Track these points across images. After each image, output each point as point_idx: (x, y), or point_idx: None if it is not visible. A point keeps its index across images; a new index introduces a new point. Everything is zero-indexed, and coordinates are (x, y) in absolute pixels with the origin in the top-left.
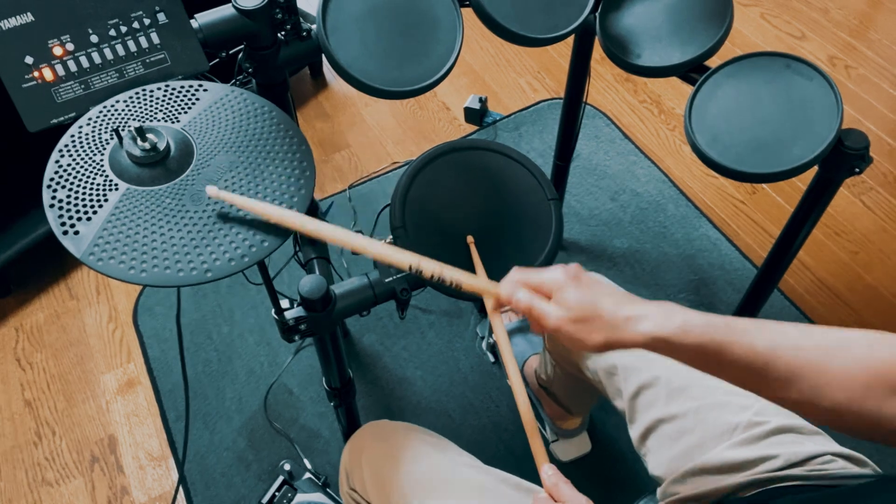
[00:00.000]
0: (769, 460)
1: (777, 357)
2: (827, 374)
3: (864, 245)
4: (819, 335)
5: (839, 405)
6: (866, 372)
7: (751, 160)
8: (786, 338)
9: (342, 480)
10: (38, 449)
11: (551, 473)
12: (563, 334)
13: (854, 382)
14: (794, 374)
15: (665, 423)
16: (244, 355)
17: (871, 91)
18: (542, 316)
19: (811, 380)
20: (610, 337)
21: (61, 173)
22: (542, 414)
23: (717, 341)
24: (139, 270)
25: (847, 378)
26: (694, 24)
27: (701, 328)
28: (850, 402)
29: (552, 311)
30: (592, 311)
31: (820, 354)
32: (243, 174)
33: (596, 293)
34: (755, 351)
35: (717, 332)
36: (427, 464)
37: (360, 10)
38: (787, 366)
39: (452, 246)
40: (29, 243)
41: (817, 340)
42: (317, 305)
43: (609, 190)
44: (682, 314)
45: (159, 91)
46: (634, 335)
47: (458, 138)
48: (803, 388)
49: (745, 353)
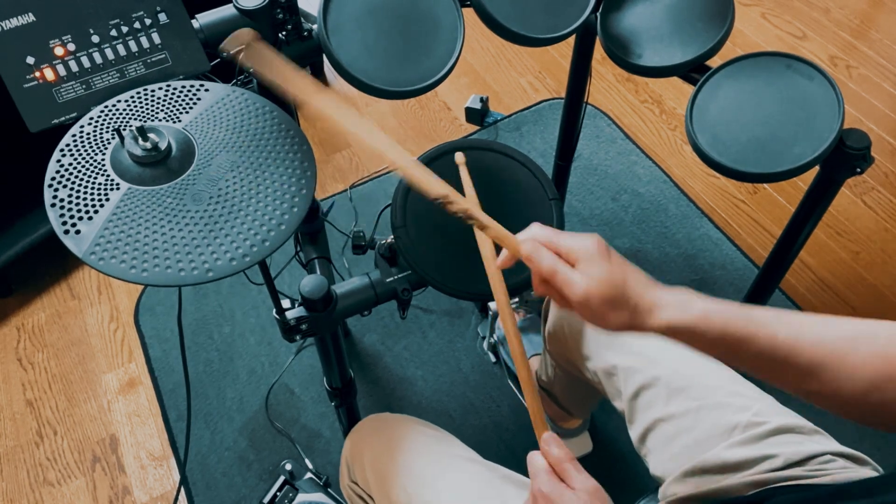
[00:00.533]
0: (769, 460)
1: (799, 349)
2: (849, 365)
3: (865, 245)
4: (840, 326)
5: (860, 395)
6: (888, 363)
7: (752, 160)
8: (807, 329)
9: (343, 473)
10: (39, 449)
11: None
12: (587, 308)
13: (876, 373)
14: (815, 366)
15: (664, 423)
16: (245, 355)
17: (873, 91)
18: (566, 283)
19: (833, 371)
20: (633, 320)
21: (63, 173)
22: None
23: (738, 332)
24: (140, 270)
25: (869, 368)
26: (695, 24)
27: (722, 319)
28: (870, 393)
29: (580, 280)
30: (622, 291)
31: (842, 345)
32: (244, 174)
33: (626, 272)
34: (776, 343)
35: (739, 322)
36: (427, 456)
37: (360, 11)
38: (809, 357)
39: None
40: (30, 243)
41: (839, 331)
42: (318, 305)
43: (610, 190)
44: (701, 303)
45: (160, 91)
46: (657, 323)
47: (460, 138)
48: (824, 378)
49: (767, 345)
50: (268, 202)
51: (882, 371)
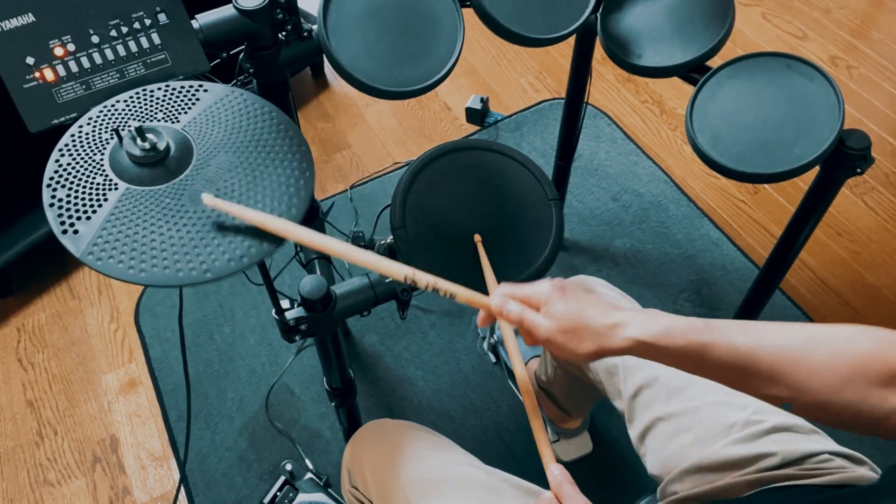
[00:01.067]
0: (766, 458)
1: (758, 355)
2: (808, 369)
3: (865, 245)
4: (799, 331)
5: (822, 399)
6: (847, 364)
7: (752, 160)
8: (766, 335)
9: (344, 479)
10: (39, 449)
11: (558, 473)
12: (554, 344)
13: (835, 375)
14: (776, 371)
15: (663, 422)
16: (245, 355)
17: (873, 91)
18: (532, 327)
19: (793, 375)
20: (599, 344)
21: (61, 172)
22: (543, 415)
23: (699, 343)
24: (138, 270)
25: (828, 371)
26: (695, 25)
27: (683, 331)
28: (833, 395)
29: (542, 322)
30: (579, 321)
31: (800, 349)
32: (243, 175)
33: (582, 304)
34: (736, 350)
35: (699, 333)
36: (428, 463)
37: (360, 11)
38: (769, 363)
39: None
40: (30, 243)
41: (797, 336)
42: (317, 306)
43: (610, 190)
44: (665, 319)
45: (160, 91)
46: (621, 341)
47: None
48: (787, 383)
49: (727, 353)
50: (266, 203)
51: (844, 373)
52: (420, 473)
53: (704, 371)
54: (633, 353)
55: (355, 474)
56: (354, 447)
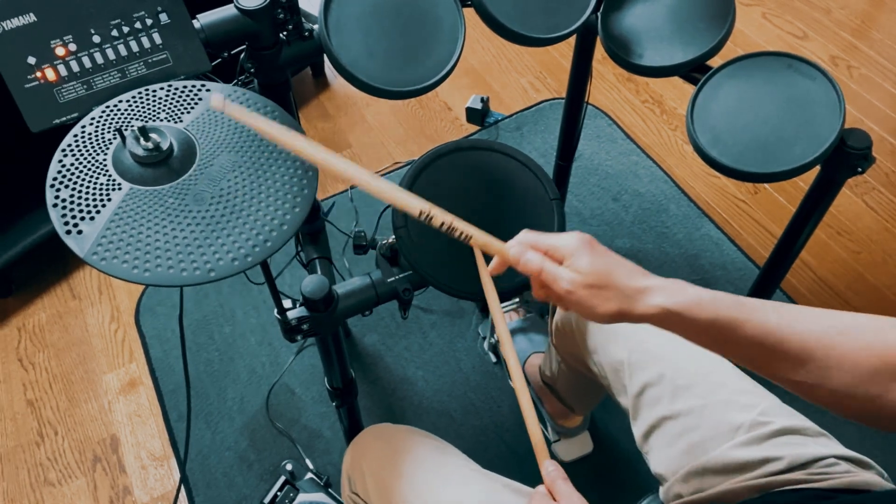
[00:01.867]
0: (773, 462)
1: (789, 336)
2: (836, 356)
3: (866, 245)
4: (830, 318)
5: (844, 388)
6: (874, 356)
7: (753, 160)
8: (798, 317)
9: (344, 485)
10: (40, 449)
11: (552, 469)
12: (575, 300)
13: (861, 366)
14: (804, 355)
15: (669, 421)
16: (246, 355)
17: (874, 91)
18: (553, 279)
19: (820, 361)
20: (622, 307)
21: (64, 173)
22: (544, 413)
23: (728, 317)
24: (142, 270)
25: (855, 361)
26: (696, 24)
27: (713, 303)
28: (856, 386)
29: (564, 275)
30: (607, 279)
31: (831, 336)
32: (246, 174)
33: (611, 261)
34: (768, 328)
35: (730, 309)
36: (428, 467)
37: (361, 10)
38: (799, 345)
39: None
40: (31, 243)
41: (828, 322)
42: (319, 305)
43: (611, 190)
44: (695, 290)
45: (162, 91)
46: (647, 307)
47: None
48: (812, 368)
49: (758, 331)
50: (269, 202)
51: (870, 365)
52: (420, 477)
53: (729, 347)
54: (655, 322)
55: (355, 480)
56: (354, 452)
